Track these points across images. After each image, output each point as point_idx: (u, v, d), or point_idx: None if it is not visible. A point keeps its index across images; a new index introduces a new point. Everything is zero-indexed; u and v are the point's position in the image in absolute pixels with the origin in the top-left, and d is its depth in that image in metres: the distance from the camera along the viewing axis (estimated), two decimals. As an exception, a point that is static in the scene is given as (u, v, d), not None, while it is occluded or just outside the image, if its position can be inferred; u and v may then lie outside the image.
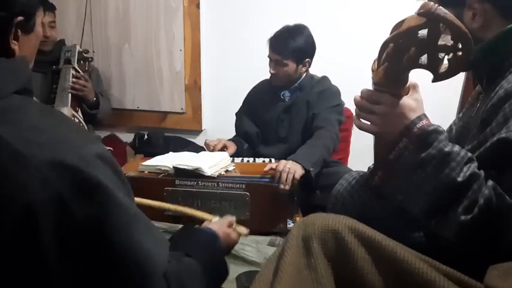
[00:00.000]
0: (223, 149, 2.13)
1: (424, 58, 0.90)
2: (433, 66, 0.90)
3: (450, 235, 0.89)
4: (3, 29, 0.76)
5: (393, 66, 0.91)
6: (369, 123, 1.00)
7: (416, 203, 0.94)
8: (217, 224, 1.12)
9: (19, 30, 0.78)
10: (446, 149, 0.91)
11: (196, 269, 0.85)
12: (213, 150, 2.11)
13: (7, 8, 0.75)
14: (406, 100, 0.95)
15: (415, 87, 0.99)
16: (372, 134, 1.03)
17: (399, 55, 0.89)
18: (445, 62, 0.92)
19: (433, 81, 0.94)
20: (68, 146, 0.69)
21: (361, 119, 1.01)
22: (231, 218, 1.15)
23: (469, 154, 0.92)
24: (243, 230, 1.19)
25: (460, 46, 0.87)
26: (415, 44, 0.87)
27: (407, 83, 0.97)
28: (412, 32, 0.87)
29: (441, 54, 0.89)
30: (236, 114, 2.41)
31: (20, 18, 0.77)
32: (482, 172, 0.90)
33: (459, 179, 0.88)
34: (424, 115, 0.96)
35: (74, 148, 0.69)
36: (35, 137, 0.67)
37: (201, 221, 1.27)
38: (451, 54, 0.89)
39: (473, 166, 0.90)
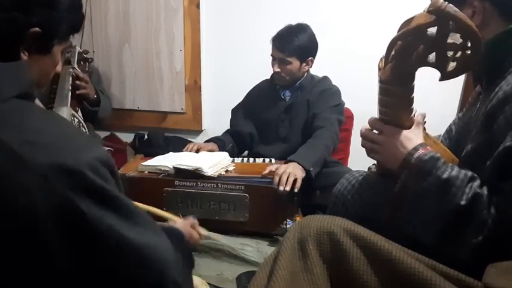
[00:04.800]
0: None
1: (432, 56, 0.89)
2: (441, 65, 0.90)
3: (466, 258, 0.90)
4: (15, 34, 0.73)
5: (401, 64, 0.90)
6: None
7: (427, 232, 0.95)
8: (180, 223, 1.16)
9: (34, 45, 0.75)
10: (444, 176, 0.93)
11: (182, 261, 0.85)
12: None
13: (25, 11, 0.72)
14: (405, 132, 1.02)
15: (418, 124, 1.04)
16: (376, 160, 1.11)
17: (407, 53, 0.89)
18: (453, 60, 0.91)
19: (441, 79, 0.93)
20: (69, 149, 0.68)
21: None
22: (193, 220, 1.20)
23: (470, 173, 0.94)
24: (203, 231, 1.25)
25: (469, 44, 0.87)
26: (424, 41, 0.87)
27: (413, 81, 0.96)
28: (421, 29, 0.86)
29: (449, 53, 0.89)
30: (232, 110, 2.39)
31: (36, 29, 0.74)
32: (484, 190, 0.91)
33: (462, 203, 0.90)
34: (421, 144, 1.00)
35: (75, 151, 0.68)
36: (35, 140, 0.66)
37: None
38: (459, 53, 0.89)
39: (475, 185, 0.91)
